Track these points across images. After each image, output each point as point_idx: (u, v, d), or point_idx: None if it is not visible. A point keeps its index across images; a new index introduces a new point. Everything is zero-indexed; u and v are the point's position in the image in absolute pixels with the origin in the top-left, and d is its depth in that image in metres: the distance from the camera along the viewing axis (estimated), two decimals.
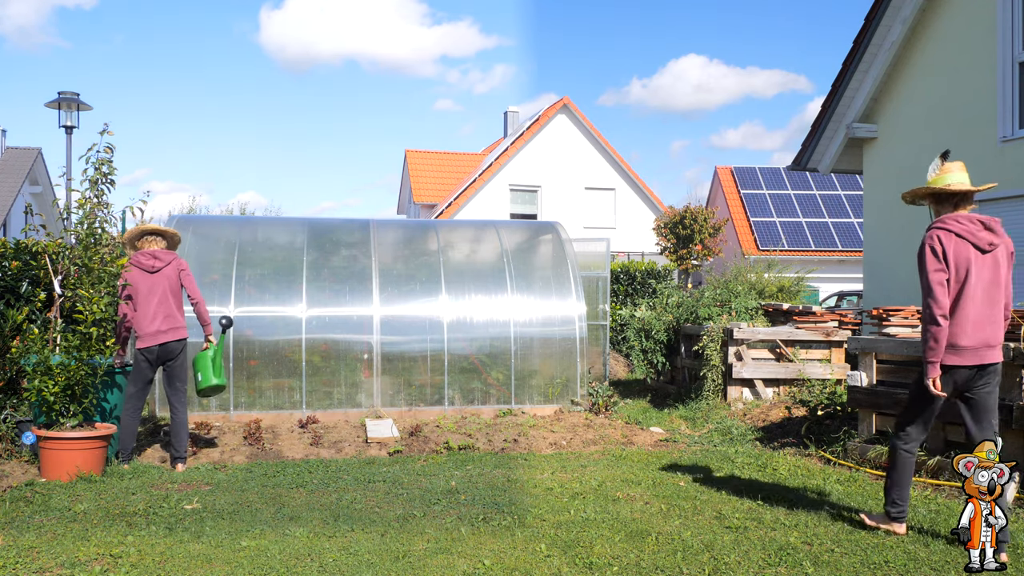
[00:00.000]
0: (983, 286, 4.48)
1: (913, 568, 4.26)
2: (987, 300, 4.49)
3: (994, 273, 4.51)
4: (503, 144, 33.42)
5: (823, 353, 9.69)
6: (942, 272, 4.47)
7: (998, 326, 4.53)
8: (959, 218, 4.55)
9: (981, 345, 4.49)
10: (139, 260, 6.81)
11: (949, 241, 4.49)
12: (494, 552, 4.50)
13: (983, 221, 4.55)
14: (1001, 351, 4.60)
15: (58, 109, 13.54)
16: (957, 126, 10.39)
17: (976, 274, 4.47)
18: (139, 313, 6.75)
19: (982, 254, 4.48)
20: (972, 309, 4.47)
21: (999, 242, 4.53)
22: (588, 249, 11.23)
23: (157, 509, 5.29)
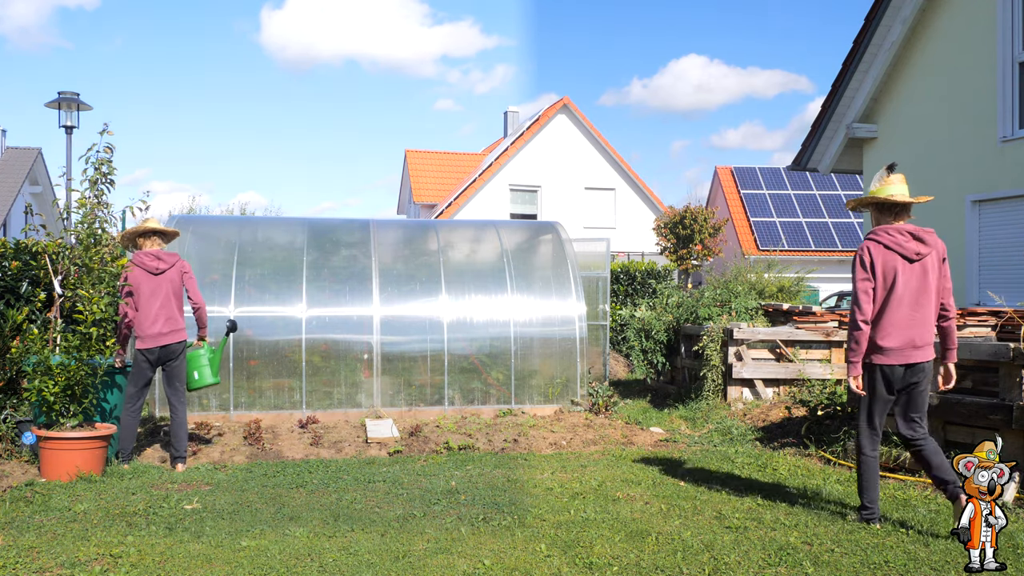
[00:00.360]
0: (910, 292, 4.82)
1: (913, 568, 4.26)
2: (914, 305, 4.83)
3: (922, 280, 4.84)
4: (503, 144, 33.43)
5: (823, 353, 9.69)
6: (868, 282, 4.84)
7: (926, 328, 4.84)
8: (889, 230, 4.88)
9: (907, 346, 4.82)
10: (142, 260, 6.81)
11: (877, 252, 4.84)
12: (494, 552, 4.50)
13: (913, 232, 4.86)
14: (932, 350, 4.89)
15: (58, 109, 13.54)
16: (957, 126, 10.39)
17: (903, 281, 4.81)
18: (141, 314, 6.74)
19: (909, 263, 4.82)
20: (898, 313, 4.81)
21: (927, 251, 4.84)
22: (588, 249, 11.23)
23: (157, 509, 5.29)
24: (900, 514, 5.18)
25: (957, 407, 6.03)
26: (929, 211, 10.72)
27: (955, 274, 10.25)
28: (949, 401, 6.10)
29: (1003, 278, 9.73)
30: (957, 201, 10.35)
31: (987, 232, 10.02)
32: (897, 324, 4.82)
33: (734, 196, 31.12)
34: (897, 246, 4.83)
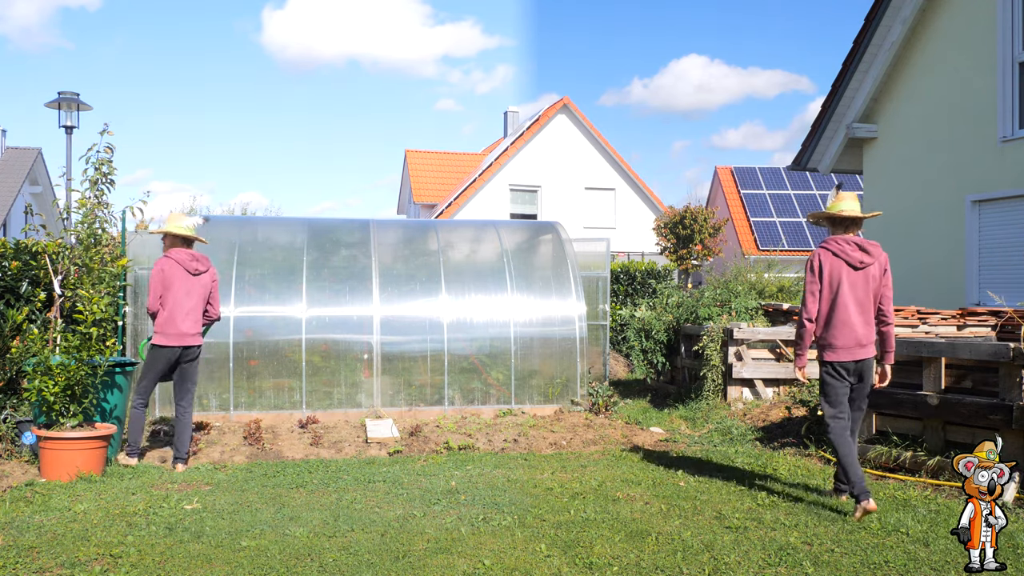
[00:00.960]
0: (855, 297, 5.39)
1: (913, 568, 4.26)
2: (858, 308, 5.39)
3: (865, 286, 5.39)
4: (503, 144, 33.43)
5: None
6: (815, 284, 5.46)
7: (869, 329, 5.41)
8: (838, 240, 5.46)
9: (853, 344, 5.38)
10: (182, 259, 6.79)
11: (826, 259, 5.43)
12: (494, 552, 4.50)
13: (859, 243, 5.43)
14: (874, 347, 5.45)
15: (58, 109, 13.54)
16: (957, 126, 10.39)
17: (848, 286, 5.38)
18: (171, 311, 6.71)
19: (854, 270, 5.38)
20: (844, 315, 5.38)
21: (871, 261, 5.40)
22: (588, 249, 11.23)
23: (157, 509, 5.29)
24: (900, 514, 5.18)
25: (957, 407, 6.03)
26: (929, 211, 10.73)
27: (955, 274, 10.26)
28: (949, 401, 6.10)
29: (1003, 278, 9.73)
30: (957, 201, 10.35)
31: (987, 232, 10.02)
32: (845, 324, 5.37)
33: (734, 196, 31.13)
34: (844, 254, 5.39)
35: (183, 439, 6.78)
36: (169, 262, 6.73)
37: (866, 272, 5.39)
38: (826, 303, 5.43)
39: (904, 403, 6.45)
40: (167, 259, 6.76)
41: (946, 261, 10.43)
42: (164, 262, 6.74)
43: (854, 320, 5.36)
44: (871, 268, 5.39)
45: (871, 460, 6.53)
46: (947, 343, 6.27)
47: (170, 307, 6.69)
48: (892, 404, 6.58)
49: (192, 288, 6.78)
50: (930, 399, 6.21)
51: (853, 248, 5.41)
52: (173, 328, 6.70)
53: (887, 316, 5.42)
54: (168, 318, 6.70)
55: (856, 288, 5.37)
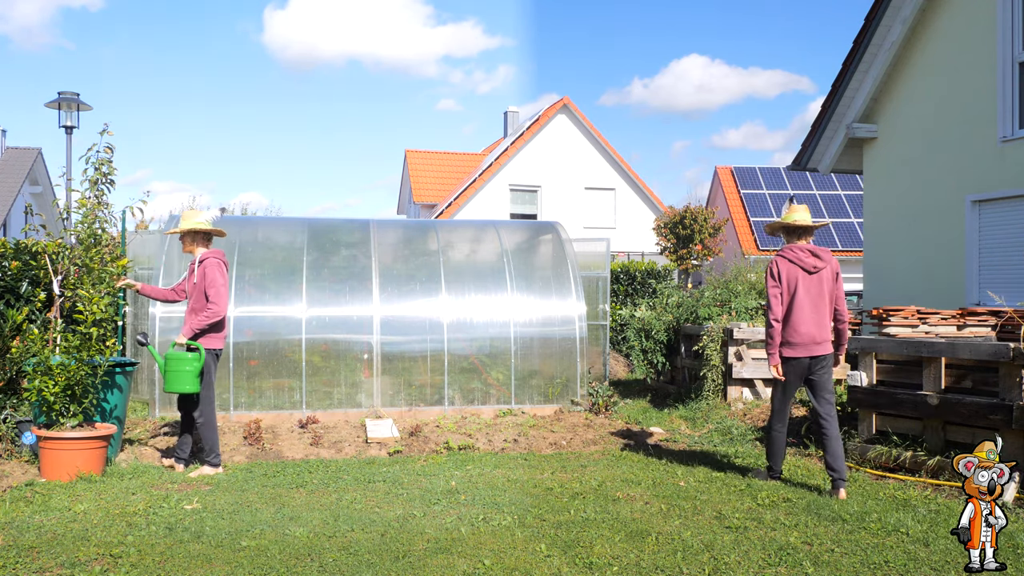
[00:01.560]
0: (810, 299, 5.93)
1: (913, 568, 4.26)
2: (813, 309, 5.92)
3: (819, 289, 5.95)
4: (503, 144, 33.43)
5: None
6: (776, 288, 5.97)
7: (824, 328, 5.95)
8: (794, 247, 6.03)
9: (809, 342, 5.91)
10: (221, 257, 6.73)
11: (783, 265, 5.98)
12: (494, 552, 4.50)
13: (812, 250, 5.99)
14: (829, 345, 5.97)
15: (58, 109, 13.54)
16: (957, 126, 10.39)
17: (803, 290, 5.92)
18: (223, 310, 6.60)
19: (808, 275, 5.94)
20: (800, 315, 5.91)
21: (824, 265, 5.97)
22: (588, 249, 11.23)
23: (157, 509, 5.29)
24: (900, 514, 5.18)
25: (957, 407, 6.03)
26: (929, 211, 10.73)
27: (955, 274, 10.26)
28: (949, 401, 6.10)
29: (1003, 278, 9.72)
30: (957, 201, 10.35)
31: (987, 232, 10.02)
32: (801, 324, 5.90)
33: (734, 196, 31.12)
34: (798, 260, 5.96)
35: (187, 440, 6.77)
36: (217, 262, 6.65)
37: (819, 276, 5.95)
38: (784, 305, 5.98)
39: (904, 403, 6.45)
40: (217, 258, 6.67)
41: (946, 261, 10.43)
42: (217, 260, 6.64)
43: (809, 320, 5.91)
44: (824, 272, 5.95)
45: (871, 460, 6.53)
46: (947, 343, 6.27)
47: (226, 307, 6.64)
48: (892, 404, 6.58)
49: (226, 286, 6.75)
50: (930, 399, 6.21)
51: (807, 255, 5.97)
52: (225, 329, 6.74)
53: (842, 315, 6.03)
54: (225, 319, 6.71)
55: (810, 291, 5.93)
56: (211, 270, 6.60)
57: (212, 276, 6.58)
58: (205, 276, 6.59)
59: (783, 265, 5.99)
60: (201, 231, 6.81)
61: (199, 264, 6.69)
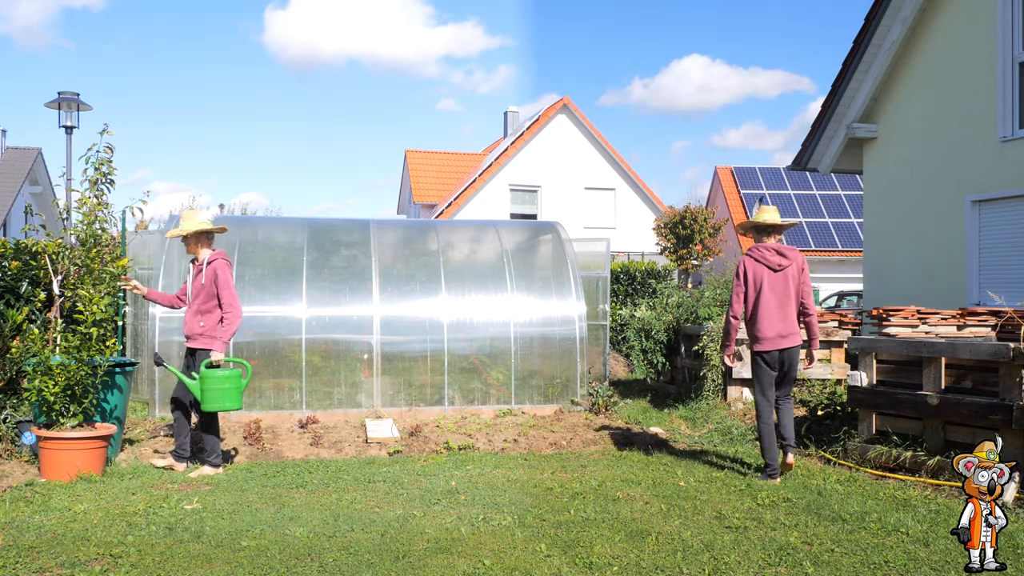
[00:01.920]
0: (775, 296, 6.23)
1: (913, 568, 4.26)
2: (778, 306, 6.23)
3: (784, 286, 6.25)
4: (503, 144, 33.42)
5: (823, 353, 9.69)
6: (740, 288, 6.32)
7: (790, 323, 6.25)
8: (759, 248, 6.33)
9: (776, 336, 6.21)
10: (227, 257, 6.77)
11: (749, 265, 6.29)
12: (494, 552, 4.50)
13: (777, 249, 6.29)
14: (798, 338, 6.28)
15: (58, 109, 13.54)
16: (957, 126, 10.39)
17: (769, 287, 6.23)
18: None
19: (774, 272, 6.24)
20: (766, 312, 6.22)
21: (788, 263, 6.26)
22: (588, 249, 11.23)
23: (157, 509, 5.29)
24: (900, 514, 5.17)
25: (957, 407, 6.03)
26: (929, 211, 10.73)
27: (955, 274, 10.26)
28: (949, 401, 6.10)
29: (1003, 278, 9.72)
30: (957, 201, 10.35)
31: (987, 232, 10.02)
32: (768, 320, 6.21)
33: (734, 196, 31.13)
34: (764, 260, 6.27)
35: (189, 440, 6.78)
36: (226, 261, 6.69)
37: (785, 273, 6.25)
38: (751, 303, 6.28)
39: (904, 403, 6.45)
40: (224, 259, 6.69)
41: (946, 261, 10.43)
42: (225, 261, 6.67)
43: (775, 315, 6.22)
44: (789, 269, 6.25)
45: (871, 460, 6.53)
46: (947, 343, 6.27)
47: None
48: (892, 404, 6.58)
49: None
50: (930, 399, 6.21)
51: (772, 254, 6.27)
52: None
53: (808, 309, 6.31)
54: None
55: (776, 288, 6.23)
56: (223, 272, 6.60)
57: (225, 278, 6.59)
58: (217, 278, 6.58)
59: (749, 264, 6.32)
60: (205, 231, 6.79)
61: (207, 265, 6.65)
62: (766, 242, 6.40)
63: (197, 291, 6.64)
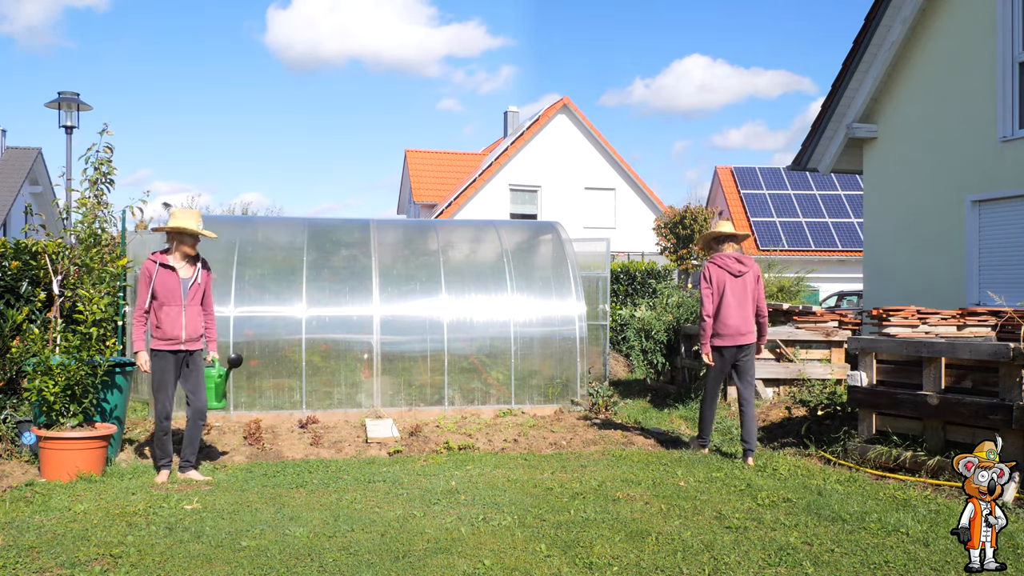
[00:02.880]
0: (736, 298, 7.02)
1: (913, 568, 4.26)
2: (738, 307, 7.03)
3: (743, 290, 7.05)
4: (503, 144, 33.42)
5: (823, 353, 9.69)
6: (708, 289, 7.06)
7: (748, 322, 7.06)
8: (722, 256, 7.14)
9: (735, 333, 7.01)
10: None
11: (714, 270, 7.08)
12: (494, 552, 4.50)
13: (737, 257, 7.10)
14: (753, 336, 7.07)
15: (58, 109, 13.54)
16: (957, 126, 10.40)
17: (730, 290, 7.03)
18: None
19: (734, 277, 7.04)
20: (728, 312, 7.01)
21: (746, 270, 7.07)
22: (588, 249, 11.23)
23: (157, 509, 5.29)
24: (900, 514, 5.17)
25: (957, 407, 6.03)
26: (929, 211, 10.73)
27: (955, 274, 10.26)
28: (949, 401, 6.10)
29: (1003, 278, 9.72)
30: (957, 201, 10.35)
31: (987, 232, 10.02)
32: (729, 319, 7.00)
33: (734, 196, 31.11)
34: (726, 266, 7.05)
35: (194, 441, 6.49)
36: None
37: (743, 279, 7.04)
38: (715, 303, 7.05)
39: (904, 403, 6.45)
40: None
41: (946, 261, 10.43)
42: None
43: (735, 315, 7.00)
44: (747, 276, 7.05)
45: (871, 460, 6.53)
46: (947, 343, 6.27)
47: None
48: (892, 404, 6.58)
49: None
50: (930, 399, 6.21)
51: (733, 261, 7.06)
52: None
53: (762, 311, 7.16)
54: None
55: (736, 292, 7.01)
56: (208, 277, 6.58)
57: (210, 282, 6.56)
58: (208, 281, 6.54)
59: (713, 270, 7.08)
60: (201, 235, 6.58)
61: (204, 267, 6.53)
62: (725, 250, 7.19)
63: (193, 292, 6.41)
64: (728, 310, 7.00)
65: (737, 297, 7.01)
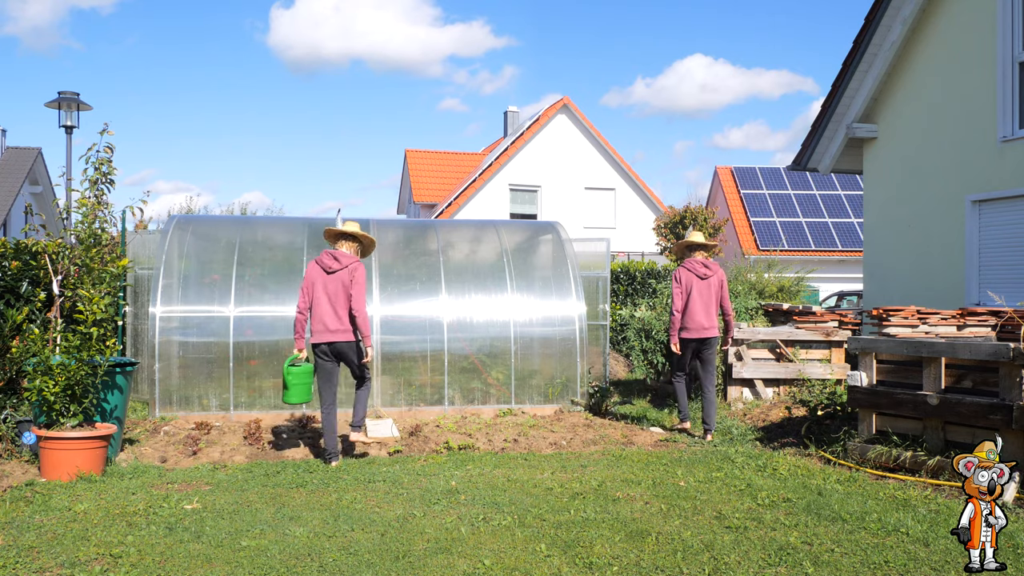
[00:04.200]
0: (701, 298, 8.01)
1: (913, 568, 4.26)
2: (703, 305, 8.04)
3: (708, 291, 8.06)
4: (503, 144, 33.42)
5: (823, 353, 9.69)
6: (678, 289, 8.10)
7: (711, 318, 8.05)
8: (691, 261, 8.17)
9: (699, 327, 8.02)
10: (322, 258, 6.99)
11: (683, 274, 8.11)
12: (494, 552, 4.50)
13: (704, 263, 8.14)
14: (716, 331, 8.08)
15: (58, 109, 13.54)
16: (957, 126, 10.40)
17: (697, 291, 8.04)
18: (313, 310, 6.92)
19: (701, 280, 8.07)
20: (694, 309, 8.03)
21: (712, 274, 8.09)
22: (588, 249, 11.23)
23: (157, 509, 5.29)
24: (900, 514, 5.18)
25: (957, 407, 6.03)
26: (929, 211, 10.73)
27: (955, 274, 10.26)
28: (949, 401, 6.10)
29: (1003, 278, 9.73)
30: (957, 201, 10.35)
31: (987, 232, 10.02)
32: (695, 315, 8.02)
33: (734, 196, 31.10)
34: (694, 270, 8.08)
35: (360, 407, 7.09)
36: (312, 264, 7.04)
37: (708, 281, 8.06)
38: (683, 302, 8.07)
39: (904, 403, 6.45)
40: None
41: (946, 261, 10.43)
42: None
43: (700, 312, 8.01)
44: (712, 279, 8.08)
45: (871, 460, 6.53)
46: (947, 343, 6.27)
47: (314, 307, 6.93)
48: (892, 404, 6.58)
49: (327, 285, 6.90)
50: (930, 399, 6.21)
51: (700, 267, 8.09)
52: (313, 325, 6.94)
53: (726, 310, 8.19)
54: (312, 317, 6.95)
55: (702, 293, 8.02)
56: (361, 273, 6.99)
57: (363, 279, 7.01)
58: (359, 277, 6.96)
59: (683, 273, 8.12)
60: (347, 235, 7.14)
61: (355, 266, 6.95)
62: (695, 257, 8.21)
63: (338, 291, 6.89)
64: (695, 307, 8.02)
65: (703, 297, 8.03)
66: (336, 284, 6.87)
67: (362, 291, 6.93)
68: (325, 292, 6.87)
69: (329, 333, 6.86)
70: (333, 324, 6.85)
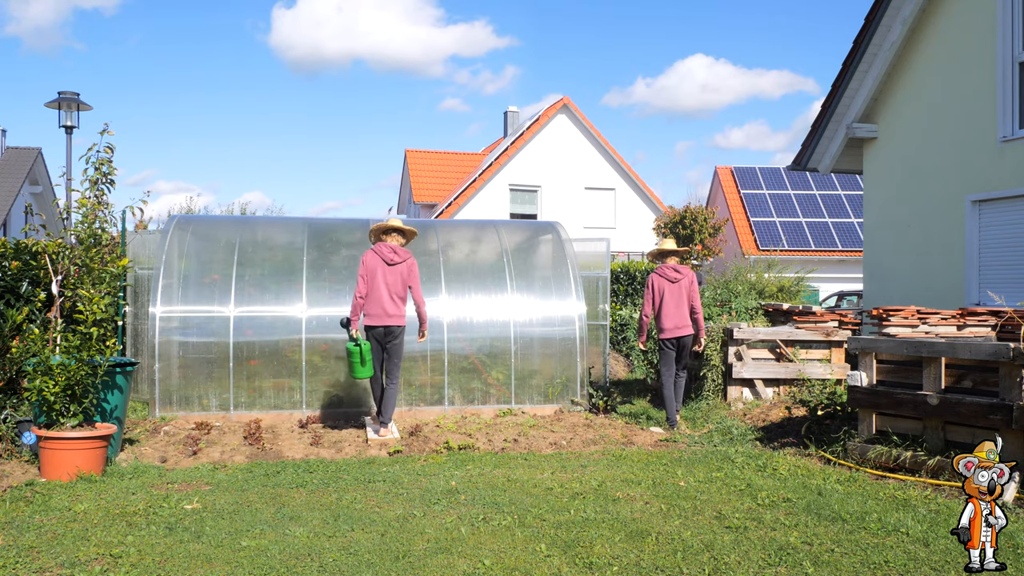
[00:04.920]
0: (673, 300, 8.71)
1: (913, 568, 4.26)
2: (675, 307, 8.69)
3: (679, 294, 8.70)
4: (503, 144, 33.42)
5: (823, 353, 9.69)
6: (649, 294, 8.80)
7: (684, 318, 8.70)
8: (663, 267, 8.85)
9: (674, 327, 8.66)
10: (381, 251, 7.85)
11: (655, 278, 8.79)
12: (494, 552, 4.50)
13: (675, 268, 8.81)
14: (689, 330, 8.71)
15: (58, 109, 13.54)
16: (957, 126, 10.40)
17: (668, 294, 8.69)
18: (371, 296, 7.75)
19: (671, 283, 8.72)
20: (667, 311, 8.69)
21: (681, 278, 8.73)
22: (588, 249, 11.23)
23: (157, 509, 5.29)
24: (900, 514, 5.18)
25: (957, 407, 6.03)
26: (929, 211, 10.73)
27: (955, 274, 10.26)
28: (949, 401, 6.10)
29: (1003, 278, 9.72)
30: (957, 201, 10.35)
31: (987, 232, 10.02)
32: (668, 317, 8.67)
33: (734, 196, 31.11)
34: (664, 275, 8.76)
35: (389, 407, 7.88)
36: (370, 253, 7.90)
37: (679, 284, 8.70)
38: (657, 305, 8.74)
39: (904, 403, 6.45)
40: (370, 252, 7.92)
41: (946, 261, 10.43)
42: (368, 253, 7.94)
43: (673, 314, 8.66)
44: (682, 282, 8.72)
45: (871, 460, 6.53)
46: (947, 343, 6.27)
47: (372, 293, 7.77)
48: (892, 404, 6.58)
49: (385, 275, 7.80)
50: (930, 399, 6.21)
51: (671, 271, 8.75)
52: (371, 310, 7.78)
53: (696, 311, 8.77)
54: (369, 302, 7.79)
55: (673, 295, 8.67)
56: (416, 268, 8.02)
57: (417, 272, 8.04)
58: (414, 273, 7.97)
59: (655, 278, 8.80)
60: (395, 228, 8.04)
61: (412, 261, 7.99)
62: (667, 263, 8.90)
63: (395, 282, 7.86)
64: (667, 309, 8.66)
65: (674, 299, 8.67)
66: (396, 275, 7.83)
67: (419, 284, 8.02)
68: (384, 281, 7.78)
69: (388, 317, 7.79)
70: (392, 309, 7.81)
